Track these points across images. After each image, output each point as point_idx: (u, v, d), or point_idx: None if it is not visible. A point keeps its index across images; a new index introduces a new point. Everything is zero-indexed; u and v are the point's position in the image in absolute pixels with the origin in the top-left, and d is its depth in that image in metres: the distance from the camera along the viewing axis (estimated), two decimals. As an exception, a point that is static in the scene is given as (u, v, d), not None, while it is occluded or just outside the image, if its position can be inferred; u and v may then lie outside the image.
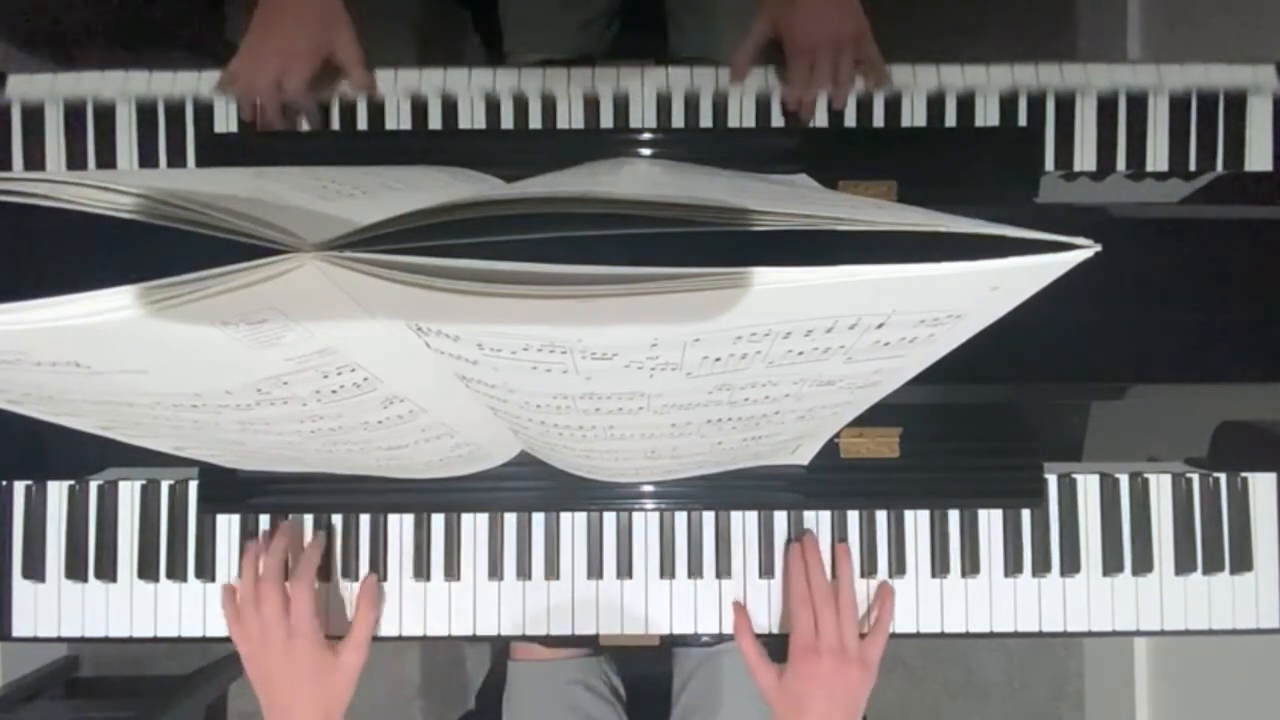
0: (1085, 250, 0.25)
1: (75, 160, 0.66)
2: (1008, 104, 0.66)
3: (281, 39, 0.61)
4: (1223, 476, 0.64)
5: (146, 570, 0.64)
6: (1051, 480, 0.64)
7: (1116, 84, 0.66)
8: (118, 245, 0.27)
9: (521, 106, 0.67)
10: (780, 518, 0.65)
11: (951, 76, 0.67)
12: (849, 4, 0.64)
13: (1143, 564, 0.64)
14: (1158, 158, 0.66)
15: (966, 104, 0.67)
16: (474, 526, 0.64)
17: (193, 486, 0.64)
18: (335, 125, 0.67)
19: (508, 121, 0.67)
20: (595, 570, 0.64)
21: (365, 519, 0.64)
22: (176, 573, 0.64)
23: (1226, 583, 0.64)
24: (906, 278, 0.25)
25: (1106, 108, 0.66)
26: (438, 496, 0.61)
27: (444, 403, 0.41)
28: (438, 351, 0.32)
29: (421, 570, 0.64)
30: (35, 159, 0.66)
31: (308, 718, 0.58)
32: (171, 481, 0.64)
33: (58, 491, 0.64)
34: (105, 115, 0.66)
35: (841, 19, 0.64)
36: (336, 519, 0.64)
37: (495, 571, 0.64)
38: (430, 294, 0.25)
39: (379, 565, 0.64)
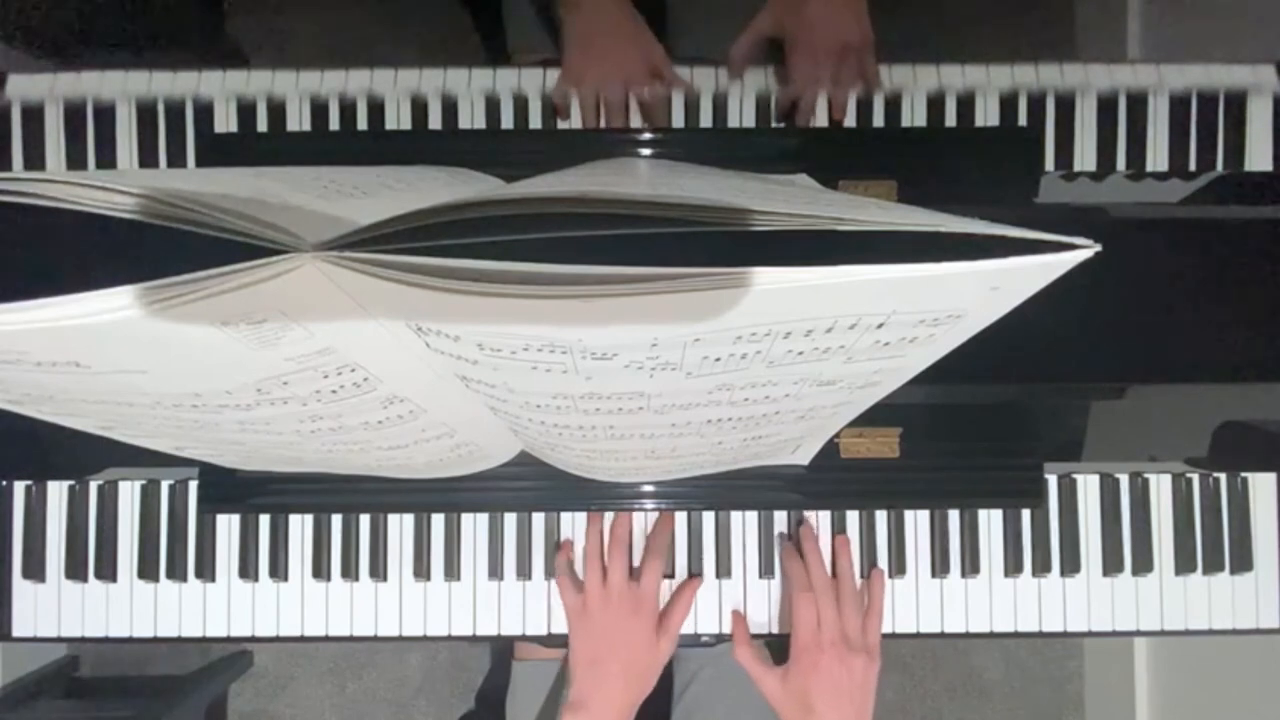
0: (1085, 250, 0.25)
1: (75, 160, 0.66)
2: (1008, 104, 0.66)
3: (616, 57, 0.64)
4: (1223, 476, 0.64)
5: (146, 570, 0.64)
6: (1051, 480, 0.64)
7: (1116, 84, 0.66)
8: (118, 245, 0.27)
9: (521, 106, 0.67)
10: (780, 518, 0.65)
11: (951, 76, 0.67)
12: (859, 12, 0.64)
13: (1143, 564, 0.64)
14: (1158, 158, 0.66)
15: (966, 104, 0.67)
16: (474, 526, 0.64)
17: (193, 486, 0.64)
18: (335, 125, 0.67)
19: (508, 121, 0.67)
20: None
21: (365, 519, 0.64)
22: (176, 573, 0.64)
23: (1226, 583, 0.64)
24: (906, 278, 0.25)
25: (1106, 108, 0.66)
26: (438, 496, 0.61)
27: (444, 403, 0.41)
28: (438, 351, 0.32)
29: (421, 570, 0.64)
30: (35, 159, 0.66)
31: (628, 693, 0.59)
32: (171, 481, 0.64)
33: (58, 491, 0.64)
34: (105, 115, 0.66)
35: (851, 27, 0.64)
36: (336, 519, 0.64)
37: (495, 571, 0.64)
38: (430, 294, 0.25)
39: (379, 565, 0.64)
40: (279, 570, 0.64)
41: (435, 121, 0.67)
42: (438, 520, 0.65)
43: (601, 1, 0.64)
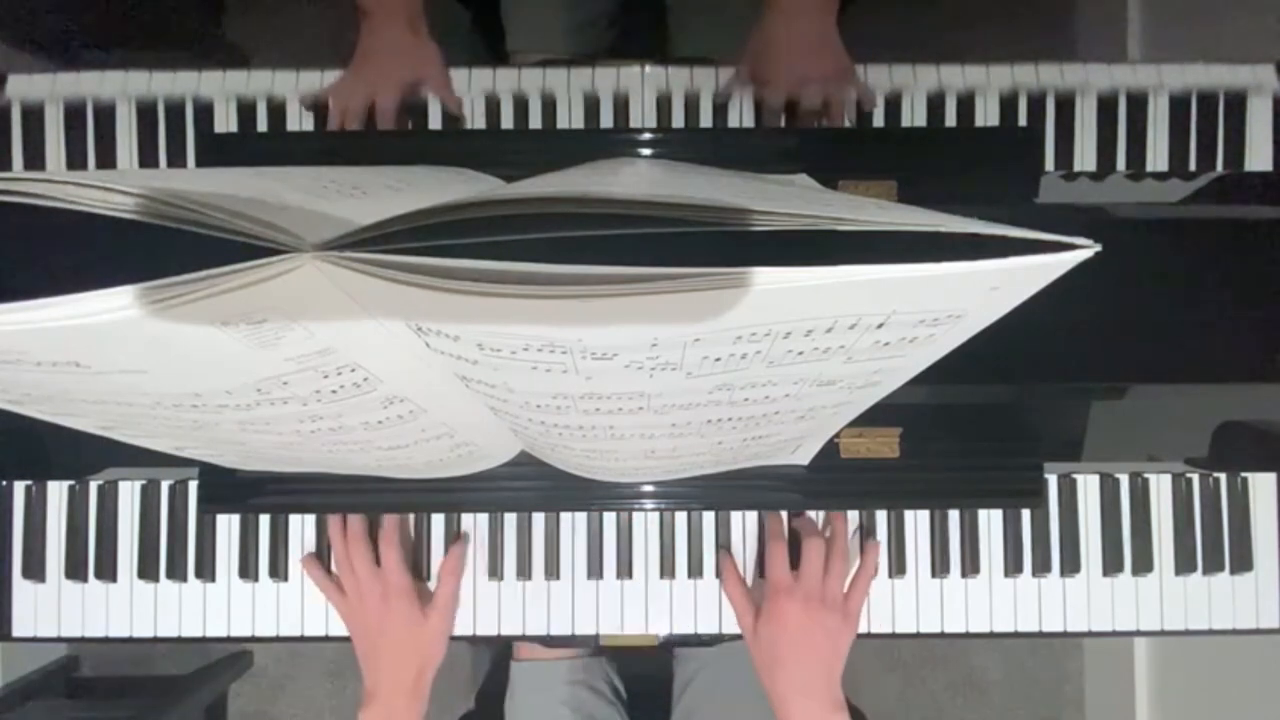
0: (1085, 250, 0.25)
1: (75, 160, 0.66)
2: (1008, 104, 0.66)
3: (377, 71, 0.66)
4: (1223, 476, 0.64)
5: (146, 570, 0.64)
6: (1051, 480, 0.64)
7: (1116, 84, 0.66)
8: (118, 245, 0.27)
9: (521, 106, 0.67)
10: (782, 515, 0.65)
11: (951, 76, 0.67)
12: (834, 49, 0.65)
13: (1143, 564, 0.64)
14: (1158, 158, 0.66)
15: (966, 104, 0.67)
16: (474, 526, 0.64)
17: (193, 486, 0.64)
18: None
19: (508, 121, 0.67)
20: (595, 570, 0.64)
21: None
22: (176, 573, 0.64)
23: (1226, 583, 0.64)
24: (906, 278, 0.25)
25: (1106, 108, 0.66)
26: (438, 496, 0.61)
27: (444, 403, 0.41)
28: (438, 351, 0.32)
29: (422, 570, 0.64)
30: (35, 159, 0.66)
31: (405, 672, 0.59)
32: (171, 481, 0.64)
33: (58, 491, 0.64)
34: (105, 115, 0.66)
35: (825, 62, 0.64)
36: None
37: (495, 571, 0.64)
38: (430, 294, 0.25)
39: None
40: (279, 570, 0.64)
41: (435, 121, 0.67)
42: (438, 520, 0.65)
43: (387, 20, 0.65)
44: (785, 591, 0.58)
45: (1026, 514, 0.64)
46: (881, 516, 0.65)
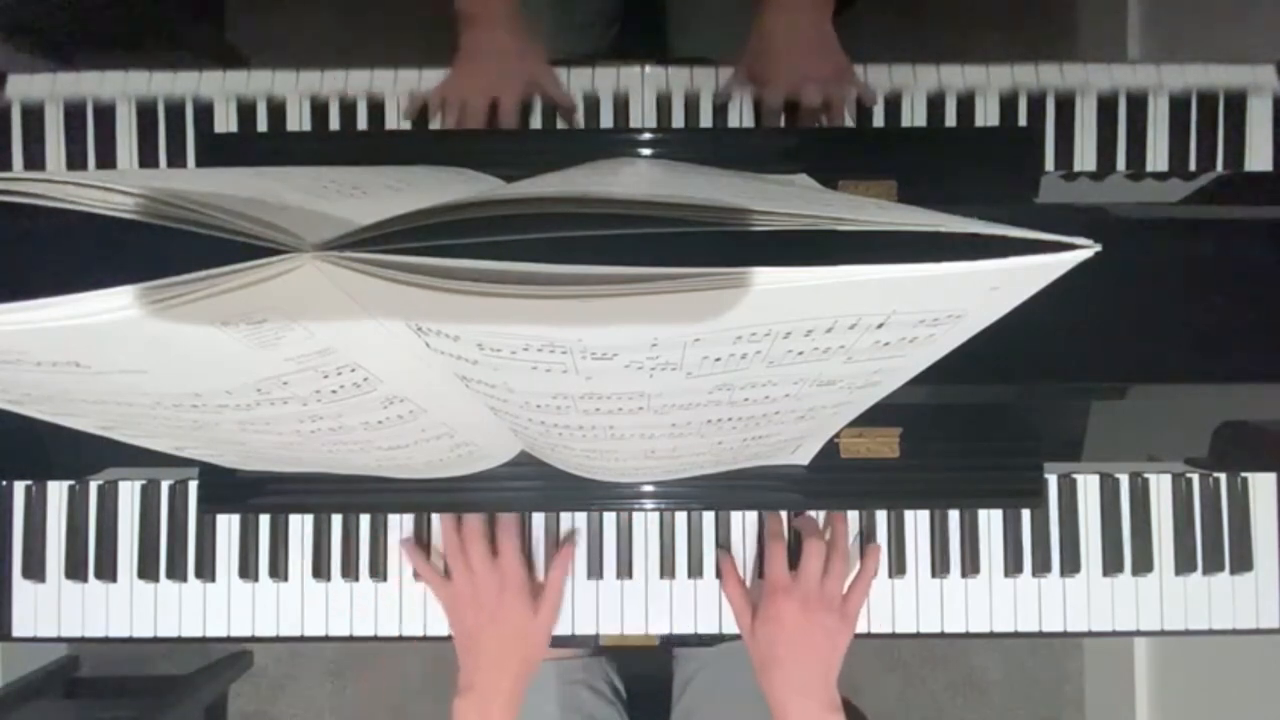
0: (1085, 250, 0.25)
1: (75, 160, 0.66)
2: (1008, 104, 0.66)
3: (496, 71, 0.66)
4: (1223, 476, 0.64)
5: (146, 570, 0.64)
6: (1051, 480, 0.64)
7: (1116, 84, 0.66)
8: (118, 245, 0.27)
9: (521, 106, 0.67)
10: (782, 516, 0.65)
11: (951, 76, 0.67)
12: (830, 47, 0.65)
13: (1143, 564, 0.64)
14: (1158, 158, 0.66)
15: (966, 104, 0.67)
16: (474, 526, 0.64)
17: (193, 486, 0.64)
18: (335, 125, 0.67)
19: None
20: (595, 570, 0.64)
21: (365, 519, 0.64)
22: (176, 573, 0.64)
23: (1226, 583, 0.64)
24: (906, 278, 0.25)
25: (1106, 108, 0.66)
26: (438, 496, 0.61)
27: (444, 403, 0.41)
28: (438, 351, 0.32)
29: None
30: (35, 159, 0.66)
31: (507, 667, 0.59)
32: (171, 481, 0.64)
33: (58, 491, 0.64)
34: (105, 115, 0.66)
35: (823, 63, 0.64)
36: (336, 519, 0.64)
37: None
38: (430, 294, 0.25)
39: (379, 565, 0.64)
40: (279, 570, 0.64)
41: (435, 122, 0.67)
42: (438, 520, 0.65)
43: (491, 24, 0.66)
44: (783, 592, 0.58)
45: (1026, 514, 0.64)
46: (881, 516, 0.65)
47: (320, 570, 0.64)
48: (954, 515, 0.64)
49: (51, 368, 0.30)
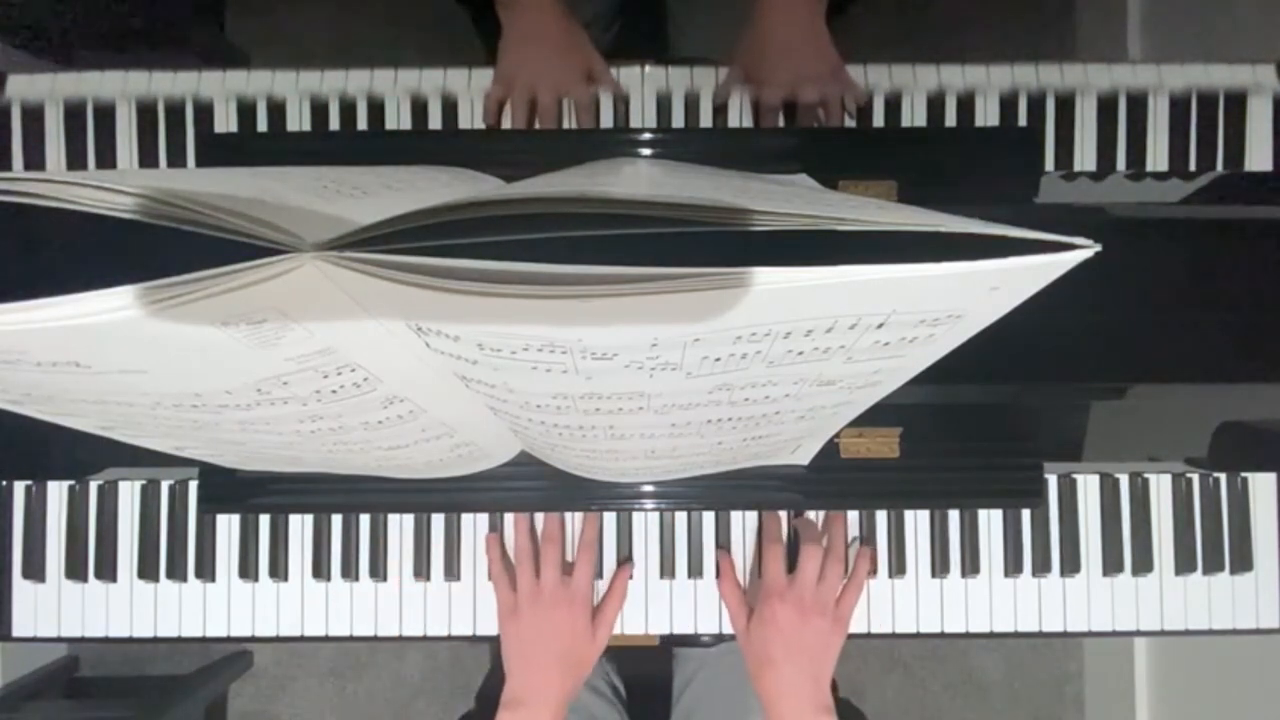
0: (1085, 250, 0.25)
1: (75, 160, 0.66)
2: (1008, 104, 0.66)
3: (558, 59, 0.65)
4: (1223, 476, 0.64)
5: (146, 570, 0.64)
6: (1051, 480, 0.64)
7: (1116, 84, 0.66)
8: (118, 245, 0.27)
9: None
10: (780, 518, 0.65)
11: (951, 76, 0.67)
12: (822, 46, 0.65)
13: (1143, 564, 0.64)
14: (1158, 158, 0.66)
15: (966, 104, 0.67)
16: (474, 526, 0.64)
17: (193, 486, 0.64)
18: (335, 125, 0.67)
19: (507, 121, 0.67)
20: (596, 570, 0.64)
21: (365, 519, 0.64)
22: (176, 573, 0.64)
23: (1226, 583, 0.64)
24: (907, 278, 0.25)
25: (1106, 108, 0.66)
26: (438, 496, 0.61)
27: (444, 403, 0.41)
28: (438, 351, 0.32)
29: (421, 570, 0.64)
30: (35, 159, 0.66)
31: (558, 684, 0.58)
32: (171, 481, 0.64)
33: (58, 491, 0.64)
34: (105, 115, 0.66)
35: (817, 62, 0.64)
36: (336, 519, 0.64)
37: (495, 571, 0.64)
38: (430, 294, 0.25)
39: (379, 565, 0.64)
40: (279, 570, 0.64)
41: (435, 121, 0.67)
42: (438, 520, 0.65)
43: (538, 6, 0.64)
44: (779, 594, 0.59)
45: (1026, 514, 0.64)
46: (881, 516, 0.65)
47: (320, 570, 0.64)
48: (954, 515, 0.64)
49: (51, 368, 0.30)
